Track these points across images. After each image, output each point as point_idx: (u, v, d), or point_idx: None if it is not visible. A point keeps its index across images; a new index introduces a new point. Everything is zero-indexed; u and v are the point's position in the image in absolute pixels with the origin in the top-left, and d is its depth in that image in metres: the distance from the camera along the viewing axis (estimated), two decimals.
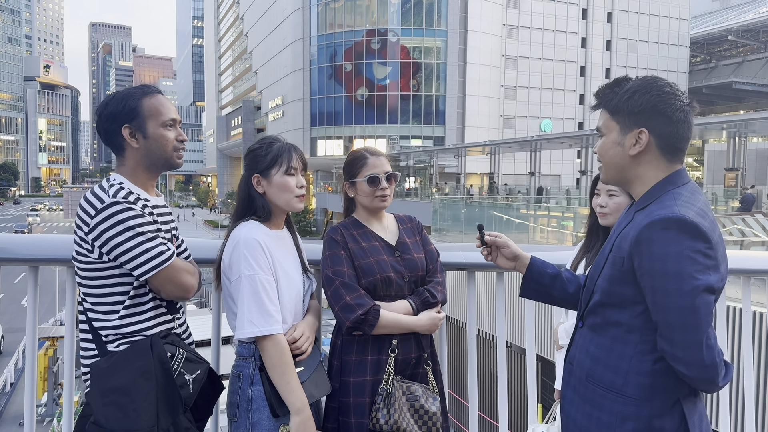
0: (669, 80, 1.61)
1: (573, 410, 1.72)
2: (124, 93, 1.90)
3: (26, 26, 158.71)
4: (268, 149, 2.08)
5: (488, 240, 1.99)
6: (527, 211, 24.73)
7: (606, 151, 1.66)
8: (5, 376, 18.85)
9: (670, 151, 1.60)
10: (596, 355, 1.65)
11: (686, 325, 1.46)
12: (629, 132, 1.60)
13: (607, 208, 2.41)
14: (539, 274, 1.96)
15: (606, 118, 1.65)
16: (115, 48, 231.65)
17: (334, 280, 2.14)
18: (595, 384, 1.64)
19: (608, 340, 1.63)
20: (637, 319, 1.57)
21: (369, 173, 2.24)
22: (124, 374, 1.75)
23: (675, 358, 1.49)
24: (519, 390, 10.05)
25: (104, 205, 1.76)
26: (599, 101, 1.67)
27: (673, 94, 1.57)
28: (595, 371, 1.64)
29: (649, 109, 1.56)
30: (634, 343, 1.57)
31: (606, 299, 1.63)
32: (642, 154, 1.60)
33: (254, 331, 1.93)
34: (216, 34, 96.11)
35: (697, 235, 1.46)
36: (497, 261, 2.00)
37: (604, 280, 1.63)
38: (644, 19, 56.35)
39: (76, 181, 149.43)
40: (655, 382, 1.56)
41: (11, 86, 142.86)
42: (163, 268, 1.80)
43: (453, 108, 50.42)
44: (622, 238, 1.59)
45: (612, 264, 1.61)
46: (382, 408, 2.09)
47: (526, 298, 2.05)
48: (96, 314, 1.83)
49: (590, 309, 1.70)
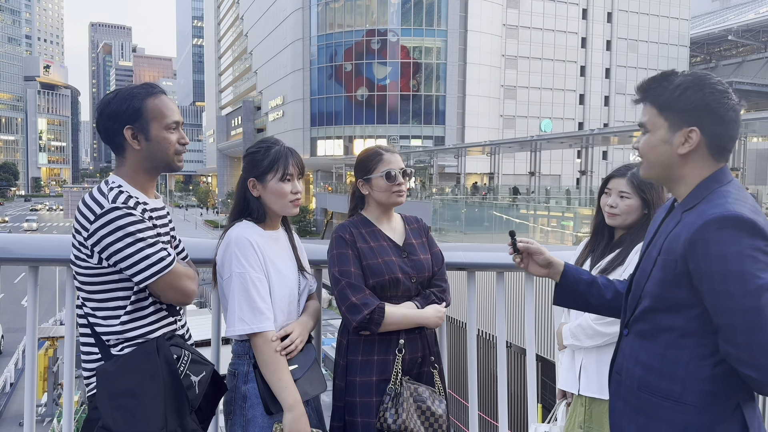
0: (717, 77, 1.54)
1: (625, 422, 1.64)
2: (128, 92, 1.87)
3: (26, 26, 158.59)
4: (266, 154, 2.09)
5: (521, 247, 1.92)
6: (527, 211, 24.73)
7: (652, 148, 1.58)
8: (5, 376, 18.85)
9: (718, 150, 1.54)
10: (648, 363, 1.58)
11: (752, 326, 1.39)
12: (678, 130, 1.53)
13: (617, 209, 2.41)
14: (574, 281, 1.88)
15: (653, 114, 1.57)
16: (115, 48, 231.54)
17: (340, 280, 2.15)
18: (650, 393, 1.56)
19: (660, 346, 1.56)
20: (693, 322, 1.50)
21: (386, 169, 2.26)
22: (131, 377, 1.75)
23: (741, 361, 1.42)
24: (519, 390, 10.03)
25: (104, 211, 1.74)
26: (644, 95, 1.59)
27: (726, 93, 1.50)
28: (648, 380, 1.57)
29: (701, 107, 1.50)
30: (689, 347, 1.51)
31: (657, 304, 1.56)
32: (690, 154, 1.53)
33: (245, 328, 1.96)
34: (216, 34, 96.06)
35: (756, 232, 1.40)
36: (529, 268, 1.93)
37: (655, 284, 1.56)
38: (644, 19, 56.31)
39: (76, 181, 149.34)
40: (716, 387, 1.49)
41: (11, 86, 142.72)
42: (163, 274, 1.79)
43: (453, 108, 50.39)
44: (673, 240, 1.51)
45: (663, 267, 1.53)
46: (390, 408, 2.10)
47: (561, 306, 1.98)
48: (97, 319, 1.82)
49: (637, 316, 1.62)
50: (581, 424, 2.42)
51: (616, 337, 2.33)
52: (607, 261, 2.44)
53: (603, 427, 2.34)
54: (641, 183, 2.40)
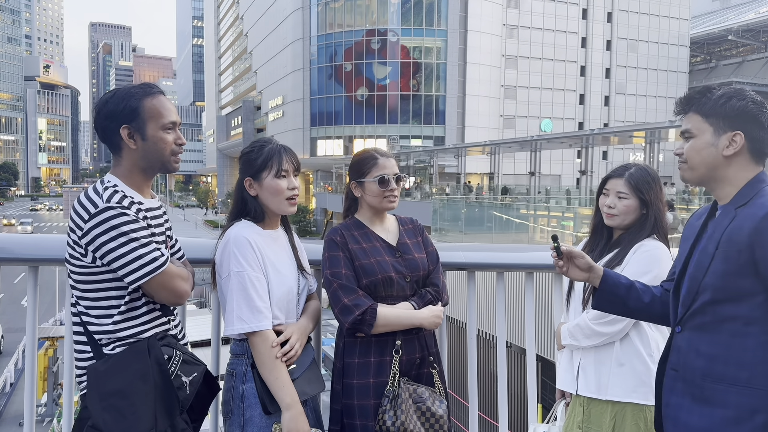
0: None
1: (684, 415, 1.71)
2: (125, 92, 1.87)
3: (26, 26, 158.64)
4: (259, 152, 2.10)
5: (564, 251, 1.97)
6: (527, 211, 24.73)
7: (698, 152, 1.72)
8: (5, 376, 18.85)
9: (758, 154, 1.70)
10: (712, 353, 1.66)
11: None
12: (723, 134, 1.69)
13: (615, 210, 2.42)
14: (614, 285, 1.95)
15: (698, 120, 1.72)
16: (115, 48, 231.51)
17: (332, 282, 2.15)
18: (715, 381, 1.65)
19: (725, 336, 1.64)
20: (757, 310, 1.60)
21: (379, 174, 2.25)
22: (121, 377, 1.75)
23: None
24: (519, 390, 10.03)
25: (98, 210, 1.75)
26: (688, 105, 1.75)
27: (764, 103, 1.70)
28: (713, 369, 1.65)
29: (745, 113, 1.67)
30: (755, 334, 1.60)
31: (719, 295, 1.65)
32: (734, 156, 1.69)
33: (243, 327, 1.96)
34: (216, 34, 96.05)
35: None
36: (570, 272, 1.98)
37: (716, 276, 1.65)
38: (644, 19, 56.31)
39: (75, 181, 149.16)
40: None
41: (11, 86, 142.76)
42: (156, 275, 1.79)
43: (453, 108, 50.40)
44: (734, 232, 1.63)
45: (725, 259, 1.63)
46: (388, 410, 2.09)
47: (600, 310, 2.05)
48: (90, 317, 1.82)
49: (696, 309, 1.70)
50: (580, 424, 2.43)
51: (614, 337, 2.35)
52: (606, 261, 2.44)
53: (601, 427, 2.34)
54: (639, 183, 2.41)
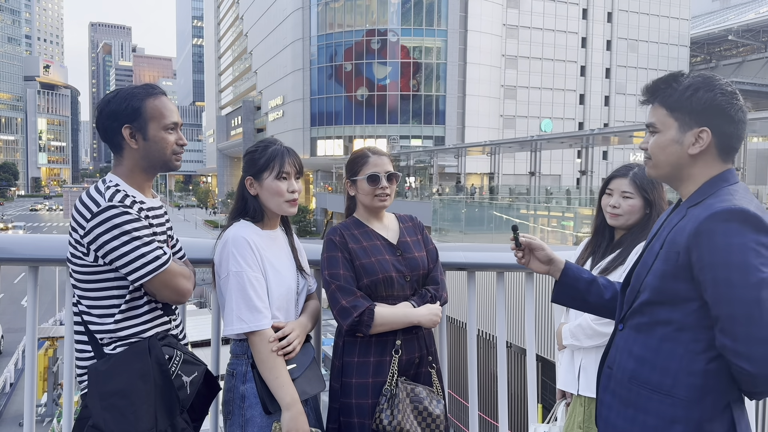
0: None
1: (613, 416, 1.64)
2: (128, 92, 1.88)
3: (26, 26, 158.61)
4: (263, 153, 2.10)
5: (523, 242, 1.92)
6: (527, 211, 24.74)
7: (662, 149, 1.59)
8: (5, 376, 18.84)
9: (727, 150, 1.56)
10: (642, 355, 1.58)
11: (751, 318, 1.39)
12: (689, 130, 1.55)
13: (619, 209, 2.41)
14: (574, 279, 1.89)
15: (662, 114, 1.58)
16: (114, 48, 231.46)
17: (331, 284, 2.15)
18: (640, 386, 1.57)
19: (655, 339, 1.56)
20: (690, 316, 1.50)
21: (370, 172, 2.24)
22: (122, 377, 1.75)
23: (737, 354, 1.41)
24: (519, 390, 10.03)
25: (100, 209, 1.75)
26: (653, 96, 1.61)
27: (735, 94, 1.53)
28: (640, 372, 1.57)
29: (712, 108, 1.52)
30: (685, 341, 1.51)
31: (656, 297, 1.56)
32: (700, 153, 1.55)
33: (243, 327, 1.96)
34: (216, 34, 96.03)
35: (761, 227, 1.42)
36: (530, 264, 1.93)
37: (655, 276, 1.56)
38: (644, 19, 56.30)
39: (75, 181, 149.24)
40: (707, 383, 1.49)
41: (11, 86, 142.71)
42: (158, 273, 1.79)
43: (453, 108, 50.39)
44: (677, 233, 1.52)
45: (665, 259, 1.54)
46: (385, 409, 2.09)
47: (559, 304, 1.98)
48: (91, 317, 1.83)
49: (636, 309, 1.62)
50: (580, 424, 2.42)
51: None
52: (608, 261, 2.44)
53: None
54: (644, 183, 2.40)
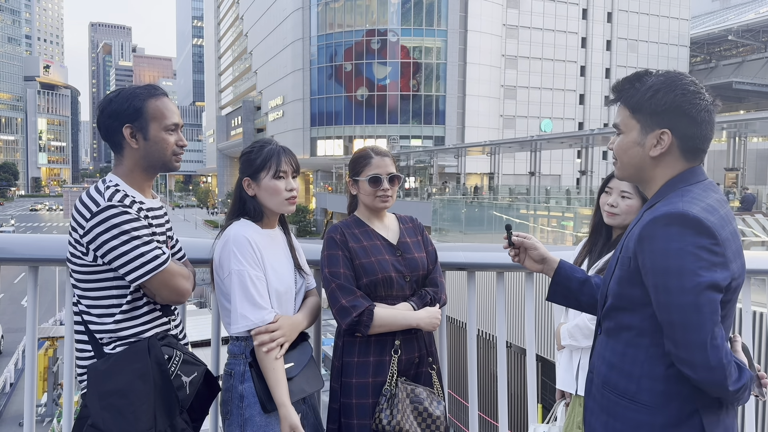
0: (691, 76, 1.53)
1: (593, 420, 1.63)
2: (130, 92, 1.89)
3: (26, 26, 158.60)
4: (259, 153, 2.11)
5: (516, 241, 1.91)
6: (527, 211, 24.74)
7: (625, 150, 1.57)
8: (5, 376, 18.85)
9: (692, 151, 1.52)
10: (611, 361, 1.57)
11: (688, 323, 1.37)
12: (650, 132, 1.52)
13: (617, 209, 2.40)
14: (567, 278, 1.88)
15: (625, 115, 1.56)
16: (115, 48, 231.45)
17: (331, 282, 2.15)
18: (610, 391, 1.56)
19: (621, 344, 1.55)
20: (647, 321, 1.49)
21: (372, 173, 2.24)
22: (121, 377, 1.76)
23: (679, 359, 1.41)
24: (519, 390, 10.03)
25: (100, 209, 1.75)
26: (617, 96, 1.58)
27: (698, 93, 1.48)
28: (610, 378, 1.57)
29: (673, 109, 1.48)
30: (645, 346, 1.50)
31: (617, 302, 1.56)
32: (662, 155, 1.52)
33: (248, 324, 1.97)
34: (216, 34, 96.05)
35: (701, 230, 1.38)
36: (524, 263, 1.93)
37: (615, 282, 1.56)
38: (644, 19, 56.33)
39: (75, 181, 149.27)
40: (669, 388, 1.47)
41: (11, 86, 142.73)
42: (157, 273, 1.80)
43: (453, 108, 50.40)
44: (630, 238, 1.52)
45: (621, 265, 1.54)
46: (385, 409, 2.09)
47: (553, 302, 1.97)
48: (91, 317, 1.83)
49: (605, 314, 1.62)
50: (579, 424, 2.42)
51: None
52: (604, 261, 2.43)
53: None
54: None
